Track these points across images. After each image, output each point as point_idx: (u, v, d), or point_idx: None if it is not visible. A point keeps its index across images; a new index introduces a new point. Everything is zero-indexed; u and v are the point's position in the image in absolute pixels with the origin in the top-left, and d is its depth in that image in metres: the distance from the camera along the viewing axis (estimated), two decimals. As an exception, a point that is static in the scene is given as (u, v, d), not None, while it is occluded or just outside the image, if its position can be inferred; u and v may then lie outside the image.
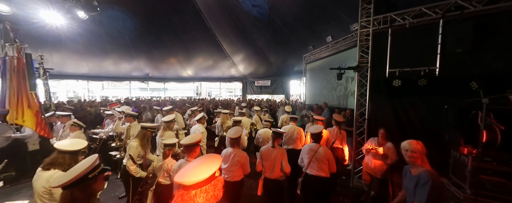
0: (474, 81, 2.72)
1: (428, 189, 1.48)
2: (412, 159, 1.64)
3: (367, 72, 3.74)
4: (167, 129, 3.36)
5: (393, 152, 2.92)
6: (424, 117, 3.40)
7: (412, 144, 1.65)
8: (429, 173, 1.53)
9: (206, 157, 1.21)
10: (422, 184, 1.53)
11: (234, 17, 10.09)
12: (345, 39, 5.88)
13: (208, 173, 1.01)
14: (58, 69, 10.20)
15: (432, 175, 1.51)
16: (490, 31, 2.84)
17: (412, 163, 1.67)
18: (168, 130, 3.35)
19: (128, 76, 13.91)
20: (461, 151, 2.48)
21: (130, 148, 2.57)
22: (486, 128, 2.27)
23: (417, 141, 1.66)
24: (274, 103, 11.03)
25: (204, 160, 1.15)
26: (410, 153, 1.65)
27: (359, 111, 3.90)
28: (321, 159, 2.44)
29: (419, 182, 1.55)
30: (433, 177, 1.51)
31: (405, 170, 1.79)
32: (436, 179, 1.50)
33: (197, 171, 1.02)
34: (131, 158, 2.49)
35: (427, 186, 1.49)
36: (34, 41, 8.57)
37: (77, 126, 3.50)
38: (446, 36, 3.07)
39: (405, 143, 1.69)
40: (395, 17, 3.43)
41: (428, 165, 1.60)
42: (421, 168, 1.59)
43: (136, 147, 2.59)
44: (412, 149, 1.64)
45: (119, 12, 9.87)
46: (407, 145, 1.67)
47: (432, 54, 3.20)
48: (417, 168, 1.63)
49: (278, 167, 2.53)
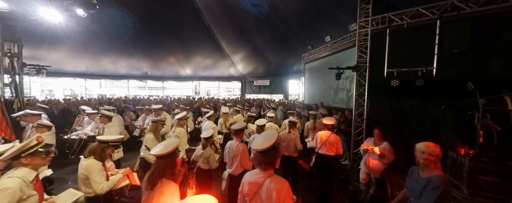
0: (470, 82, 2.74)
1: (438, 194, 1.46)
2: (427, 162, 1.58)
3: (365, 72, 3.75)
4: (178, 126, 3.53)
5: (390, 151, 2.92)
6: (421, 117, 3.41)
7: (431, 146, 1.60)
8: (442, 178, 1.50)
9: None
10: (432, 188, 1.50)
11: (233, 16, 10.08)
12: (343, 39, 5.90)
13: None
14: (56, 67, 10.13)
15: (445, 181, 1.49)
16: (486, 32, 2.87)
17: (425, 166, 1.61)
18: (179, 126, 3.51)
19: (126, 74, 13.84)
20: (458, 152, 2.49)
21: (147, 141, 2.96)
22: (483, 129, 2.28)
23: (435, 144, 1.61)
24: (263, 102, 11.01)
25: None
26: (426, 156, 1.58)
27: (358, 110, 3.91)
28: (332, 143, 3.16)
29: (429, 185, 1.52)
30: (445, 183, 1.48)
31: (412, 171, 1.76)
32: (447, 186, 1.48)
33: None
34: (148, 149, 2.84)
35: (438, 191, 1.46)
36: (32, 38, 8.51)
37: (43, 126, 3.15)
38: (443, 37, 3.09)
39: (421, 145, 1.63)
40: (393, 18, 3.44)
41: (441, 170, 1.56)
42: (434, 171, 1.55)
43: (152, 139, 2.96)
44: (430, 152, 1.58)
45: (118, 11, 9.82)
46: (424, 147, 1.61)
47: (430, 55, 3.21)
48: (428, 171, 1.59)
49: (293, 147, 3.33)
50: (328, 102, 6.68)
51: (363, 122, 3.79)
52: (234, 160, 2.59)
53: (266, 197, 1.34)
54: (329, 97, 6.79)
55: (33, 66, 7.16)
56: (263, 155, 1.41)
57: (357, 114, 3.91)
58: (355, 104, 3.91)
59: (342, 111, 5.30)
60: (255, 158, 1.47)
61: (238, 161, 2.55)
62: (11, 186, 1.34)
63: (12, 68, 5.25)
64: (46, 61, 9.48)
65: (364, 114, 3.78)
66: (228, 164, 2.69)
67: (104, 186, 1.86)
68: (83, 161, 1.91)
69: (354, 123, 3.90)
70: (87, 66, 12.03)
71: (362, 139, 3.76)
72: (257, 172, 1.46)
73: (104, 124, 3.52)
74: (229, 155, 2.67)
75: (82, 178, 1.86)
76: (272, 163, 1.43)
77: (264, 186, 1.37)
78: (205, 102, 10.09)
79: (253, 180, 1.43)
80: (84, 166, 1.86)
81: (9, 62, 5.39)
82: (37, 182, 1.57)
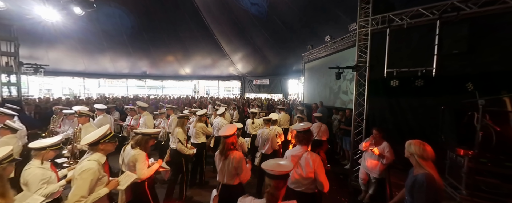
0: (470, 83, 2.74)
1: (424, 192, 1.47)
2: (411, 160, 1.65)
3: (365, 72, 3.75)
4: (199, 121, 3.82)
5: (389, 151, 2.93)
6: (421, 117, 3.42)
7: (411, 144, 1.65)
8: (426, 176, 1.50)
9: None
10: (418, 187, 1.52)
11: (232, 15, 10.03)
12: (343, 39, 5.88)
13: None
14: (54, 66, 10.06)
15: (428, 178, 1.49)
16: (486, 33, 2.86)
17: (414, 164, 1.65)
18: (199, 122, 3.81)
19: (125, 74, 13.77)
20: (457, 152, 2.50)
21: (178, 134, 3.18)
22: (482, 129, 2.28)
23: (422, 142, 1.63)
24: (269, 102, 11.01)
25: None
26: (408, 154, 1.65)
27: (357, 110, 3.91)
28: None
29: (415, 184, 1.55)
30: (428, 180, 1.48)
31: (411, 170, 1.78)
32: (431, 182, 1.47)
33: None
34: (180, 141, 3.13)
35: (422, 189, 1.48)
36: (29, 37, 8.43)
37: (8, 128, 2.82)
38: (443, 37, 3.09)
39: (409, 143, 1.68)
40: (393, 17, 3.43)
41: (432, 168, 1.56)
42: (421, 169, 1.57)
43: (182, 132, 3.19)
44: (410, 150, 1.64)
45: (116, 9, 9.74)
46: (409, 146, 1.66)
47: (429, 55, 3.21)
48: (418, 169, 1.61)
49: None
50: (328, 102, 6.68)
51: (363, 121, 3.79)
52: (266, 143, 3.41)
53: (305, 164, 1.93)
54: (328, 97, 6.79)
55: (31, 65, 7.11)
56: (303, 134, 2.05)
57: (357, 114, 3.91)
58: (354, 104, 3.91)
59: (342, 111, 5.31)
60: (297, 137, 2.10)
61: (269, 143, 3.38)
62: (93, 167, 1.62)
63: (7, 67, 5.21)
64: (44, 61, 9.42)
65: (364, 114, 3.78)
66: (261, 146, 3.50)
67: (145, 172, 2.15)
68: (130, 151, 2.20)
69: (354, 122, 3.90)
70: (85, 66, 11.95)
71: (361, 138, 3.77)
72: (298, 148, 2.07)
73: (81, 124, 3.25)
74: (261, 139, 3.47)
75: (130, 165, 2.17)
76: (308, 142, 2.06)
77: (303, 157, 1.96)
78: (192, 101, 10.08)
79: (294, 153, 2.03)
80: (132, 155, 2.15)
81: (6, 61, 5.35)
82: (106, 165, 1.83)
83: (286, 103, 9.54)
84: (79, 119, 3.35)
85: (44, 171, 1.78)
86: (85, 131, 3.15)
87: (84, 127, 3.24)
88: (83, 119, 3.33)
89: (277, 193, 1.21)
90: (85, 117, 3.36)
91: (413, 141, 1.66)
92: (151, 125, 4.26)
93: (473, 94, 2.55)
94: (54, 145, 1.90)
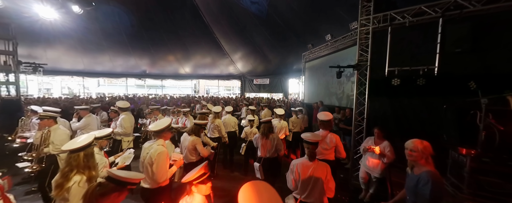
0: (472, 81, 2.72)
1: (429, 189, 1.47)
2: (411, 158, 1.65)
3: (366, 71, 3.72)
4: (217, 117, 4.17)
5: (390, 151, 2.90)
6: (422, 116, 3.40)
7: (413, 142, 1.64)
8: (430, 173, 1.52)
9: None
10: (423, 185, 1.52)
11: (232, 14, 9.97)
12: (344, 38, 5.85)
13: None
14: (52, 65, 10.00)
15: (433, 176, 1.50)
16: (489, 31, 2.84)
17: (413, 162, 1.66)
18: (218, 118, 4.17)
19: (124, 73, 13.71)
20: (459, 151, 2.48)
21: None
22: (485, 129, 2.26)
23: (422, 140, 1.64)
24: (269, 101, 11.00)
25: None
26: (408, 151, 1.65)
27: (358, 109, 3.89)
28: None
29: (420, 182, 1.54)
30: (433, 177, 1.49)
31: (409, 170, 1.77)
32: (436, 180, 1.49)
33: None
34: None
35: (428, 186, 1.48)
36: (27, 36, 8.37)
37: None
38: (445, 36, 3.06)
39: (408, 142, 1.68)
40: (395, 16, 3.39)
41: (432, 166, 1.58)
42: (424, 168, 1.57)
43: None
44: (411, 148, 1.64)
45: (115, 8, 9.67)
46: (406, 144, 1.68)
47: (431, 54, 3.18)
48: (419, 168, 1.61)
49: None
50: (330, 101, 6.66)
51: (364, 121, 3.76)
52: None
53: (329, 141, 2.72)
54: (329, 96, 6.77)
55: (29, 64, 7.06)
56: (325, 123, 2.78)
57: (358, 113, 3.88)
58: (355, 103, 3.88)
59: (343, 110, 5.29)
60: (321, 125, 2.82)
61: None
62: (165, 150, 2.03)
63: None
64: (42, 60, 9.37)
65: (365, 113, 3.75)
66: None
67: (204, 151, 2.83)
68: (188, 137, 2.85)
69: (355, 122, 3.87)
70: (84, 65, 11.89)
71: (362, 138, 3.74)
72: (321, 131, 2.82)
73: (48, 127, 2.86)
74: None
75: (190, 148, 2.80)
76: (330, 127, 2.84)
77: (327, 137, 2.72)
78: (178, 100, 10.05)
79: (321, 134, 2.72)
80: (191, 140, 2.79)
81: (4, 60, 5.30)
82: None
83: (287, 102, 9.52)
84: (42, 122, 2.87)
85: (100, 157, 2.14)
86: (54, 133, 2.84)
87: (53, 129, 2.87)
88: (47, 122, 2.88)
89: (313, 153, 1.96)
90: (47, 119, 2.90)
91: (414, 140, 1.66)
92: (127, 125, 3.75)
93: (476, 93, 2.52)
94: (107, 135, 2.34)
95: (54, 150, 2.83)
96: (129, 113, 3.92)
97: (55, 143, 2.83)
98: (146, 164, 2.02)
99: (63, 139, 2.87)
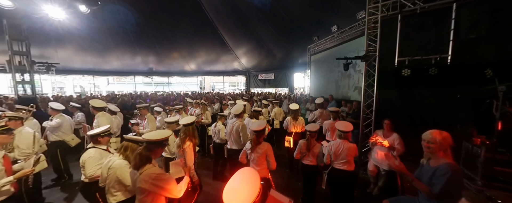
0: (489, 69, 2.58)
1: (445, 180, 1.40)
2: (428, 150, 1.55)
3: (374, 62, 3.61)
4: (223, 119, 3.98)
5: (400, 143, 2.84)
6: (434, 107, 3.28)
7: (432, 134, 1.55)
8: (450, 165, 1.44)
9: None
10: (439, 176, 1.45)
11: (235, 8, 9.86)
12: (351, 29, 5.67)
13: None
14: (64, 65, 10.31)
15: (453, 168, 1.42)
16: (507, 16, 2.66)
17: (430, 154, 1.57)
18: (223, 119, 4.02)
19: (132, 70, 13.99)
20: (473, 142, 2.39)
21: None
22: (502, 118, 2.16)
23: (441, 131, 1.54)
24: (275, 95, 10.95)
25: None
26: (425, 143, 1.56)
27: (367, 102, 3.80)
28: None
29: (436, 173, 1.47)
30: (453, 170, 1.42)
31: (423, 162, 1.71)
32: (456, 173, 1.42)
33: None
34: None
35: (445, 177, 1.41)
36: (39, 37, 8.64)
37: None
38: (459, 22, 2.90)
39: (426, 133, 1.59)
40: (405, 2, 3.24)
41: (451, 158, 1.49)
42: (442, 160, 1.49)
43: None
44: (428, 139, 1.55)
45: (120, 7, 9.78)
46: (424, 135, 1.59)
47: (444, 41, 3.03)
48: (437, 160, 1.53)
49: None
50: (337, 95, 6.54)
51: (372, 113, 3.68)
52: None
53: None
54: (336, 89, 6.65)
55: (43, 64, 7.31)
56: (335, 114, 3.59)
57: (366, 105, 3.80)
58: (363, 95, 3.79)
59: (351, 103, 5.20)
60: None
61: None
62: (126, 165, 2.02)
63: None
64: (54, 59, 9.68)
65: (373, 105, 3.66)
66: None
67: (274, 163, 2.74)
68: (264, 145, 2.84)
69: (363, 114, 3.80)
70: (93, 64, 12.21)
71: (371, 131, 3.68)
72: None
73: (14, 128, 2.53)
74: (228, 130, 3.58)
75: (261, 157, 2.78)
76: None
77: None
78: (168, 97, 10.00)
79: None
80: (265, 149, 2.77)
81: (19, 60, 5.51)
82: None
83: (292, 97, 9.44)
84: (10, 122, 2.60)
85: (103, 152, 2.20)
86: (19, 136, 2.58)
87: (17, 132, 2.58)
88: (14, 123, 2.68)
89: (314, 139, 2.64)
90: (15, 120, 2.71)
91: (432, 130, 1.57)
92: (114, 127, 3.56)
93: (492, 82, 2.40)
94: (105, 131, 2.27)
95: (20, 155, 2.51)
96: (105, 112, 3.69)
97: (21, 147, 2.54)
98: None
99: (29, 142, 2.63)
